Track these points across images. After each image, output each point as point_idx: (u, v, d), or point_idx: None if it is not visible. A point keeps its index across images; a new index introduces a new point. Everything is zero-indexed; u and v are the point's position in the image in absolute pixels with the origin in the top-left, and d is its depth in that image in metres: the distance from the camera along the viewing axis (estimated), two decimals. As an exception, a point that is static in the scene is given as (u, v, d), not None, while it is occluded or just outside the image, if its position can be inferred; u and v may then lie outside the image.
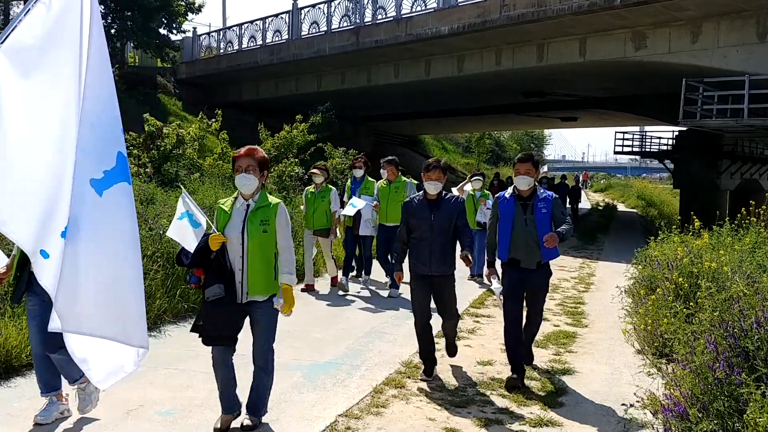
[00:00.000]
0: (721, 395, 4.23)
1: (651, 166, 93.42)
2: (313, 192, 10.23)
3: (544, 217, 5.96)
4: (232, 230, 4.68)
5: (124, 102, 20.08)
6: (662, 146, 34.20)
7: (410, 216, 6.13)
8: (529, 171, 5.98)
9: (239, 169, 4.69)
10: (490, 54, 20.70)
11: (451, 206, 6.05)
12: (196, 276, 4.71)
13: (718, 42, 16.42)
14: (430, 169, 6.03)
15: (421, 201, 6.11)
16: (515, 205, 6.03)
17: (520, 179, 5.99)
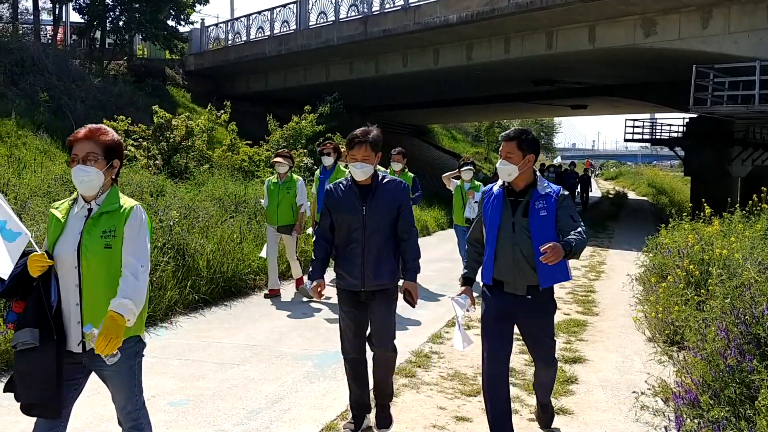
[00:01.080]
0: (733, 382, 4.22)
1: (661, 153, 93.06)
2: (276, 183, 9.08)
3: (543, 221, 4.16)
4: (63, 247, 3.19)
5: (133, 94, 20.15)
6: (673, 133, 33.99)
7: (333, 209, 4.60)
8: (511, 154, 4.17)
9: (75, 159, 3.27)
10: (498, 42, 20.60)
11: (390, 193, 4.54)
12: (14, 312, 3.21)
13: (728, 28, 16.28)
14: (353, 144, 4.48)
15: (348, 187, 4.57)
16: (503, 203, 4.26)
17: (500, 166, 4.21)
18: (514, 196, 4.26)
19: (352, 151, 4.45)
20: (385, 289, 4.56)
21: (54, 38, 26.65)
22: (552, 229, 4.15)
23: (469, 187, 10.17)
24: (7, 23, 25.95)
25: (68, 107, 18.79)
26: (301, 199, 9.08)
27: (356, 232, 4.49)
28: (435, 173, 35.76)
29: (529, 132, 4.30)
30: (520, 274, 4.20)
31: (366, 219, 4.47)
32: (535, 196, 4.21)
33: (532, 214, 4.17)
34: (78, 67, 22.28)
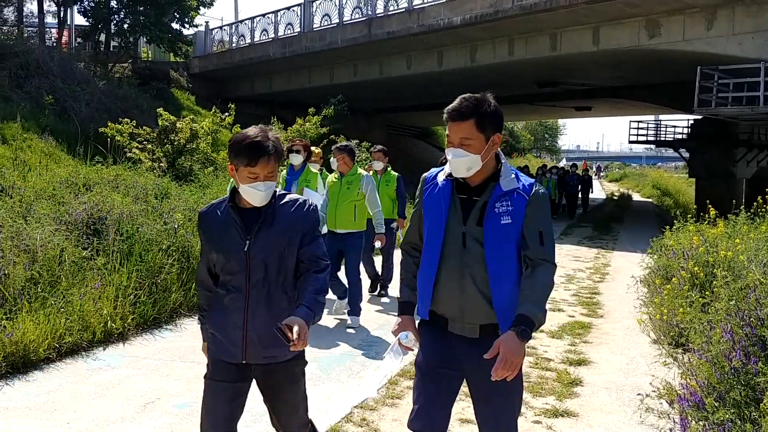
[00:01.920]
0: (738, 384, 4.21)
1: (666, 155, 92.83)
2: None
3: (504, 232, 2.92)
4: None
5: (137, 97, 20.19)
6: (677, 135, 33.94)
7: (209, 240, 3.18)
8: (469, 139, 2.90)
9: None
10: (502, 44, 20.61)
11: (289, 218, 3.11)
12: None
13: (733, 29, 16.26)
14: (252, 159, 2.99)
15: (225, 212, 3.14)
16: (450, 202, 3.00)
17: (453, 158, 2.93)
18: (466, 192, 3.00)
19: (251, 169, 2.96)
20: (281, 361, 3.14)
21: (59, 41, 26.73)
22: (515, 245, 2.94)
23: None
24: (12, 26, 26.05)
25: (73, 110, 18.83)
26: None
27: (238, 276, 3.09)
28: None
29: (487, 101, 2.97)
30: (470, 309, 2.96)
31: (250, 258, 3.05)
32: (495, 195, 2.94)
33: (488, 221, 2.92)
34: (83, 69, 22.34)
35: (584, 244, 16.42)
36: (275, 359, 3.13)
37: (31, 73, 19.65)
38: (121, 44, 27.45)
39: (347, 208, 7.63)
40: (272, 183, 3.06)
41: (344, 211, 7.62)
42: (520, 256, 2.96)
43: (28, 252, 6.91)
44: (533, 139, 63.48)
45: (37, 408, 4.97)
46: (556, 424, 4.89)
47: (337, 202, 7.64)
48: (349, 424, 4.81)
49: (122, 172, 12.39)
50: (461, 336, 3.01)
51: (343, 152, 7.86)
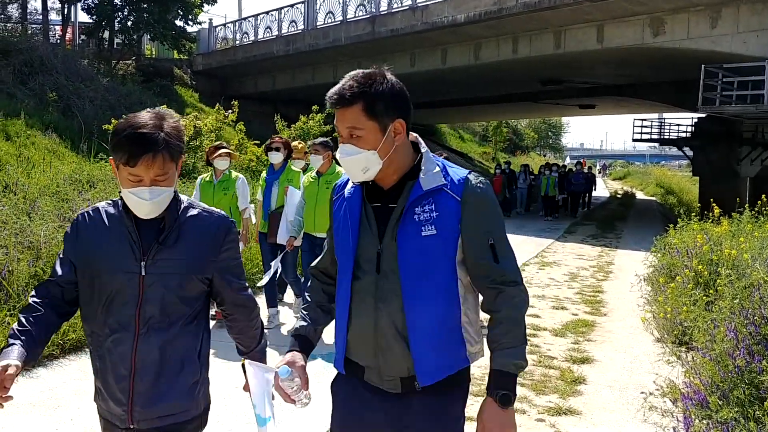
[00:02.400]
0: (742, 383, 4.21)
1: (670, 153, 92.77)
2: (210, 182, 7.43)
3: (425, 246, 2.21)
4: None
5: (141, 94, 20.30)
6: (681, 133, 33.86)
7: (83, 253, 2.37)
8: (359, 129, 2.20)
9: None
10: (506, 42, 20.57)
11: (200, 237, 2.39)
12: None
13: (737, 27, 16.22)
14: (133, 157, 2.24)
15: (117, 220, 2.39)
16: (360, 213, 2.32)
17: (339, 153, 2.26)
18: (380, 198, 2.28)
19: (131, 169, 2.24)
20: (175, 424, 2.39)
21: (63, 38, 26.75)
22: (446, 266, 2.21)
23: None
24: (17, 23, 26.07)
25: (77, 107, 18.85)
26: (243, 202, 7.43)
27: (124, 312, 2.30)
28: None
29: (380, 77, 2.23)
30: (387, 356, 2.26)
31: (146, 286, 2.29)
32: (414, 196, 2.20)
33: (404, 235, 2.19)
34: (87, 67, 22.35)
35: (588, 243, 16.41)
36: (167, 419, 2.35)
37: (35, 70, 19.67)
38: (125, 41, 27.46)
39: (327, 211, 7.23)
40: (165, 189, 2.27)
41: (323, 213, 6.59)
42: (456, 281, 2.22)
43: (32, 248, 6.93)
44: (537, 137, 63.38)
45: (40, 404, 4.98)
46: (559, 422, 4.89)
47: (316, 204, 6.95)
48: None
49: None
50: (381, 390, 2.30)
51: (328, 149, 7.04)
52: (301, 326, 2.50)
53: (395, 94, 2.24)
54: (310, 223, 7.06)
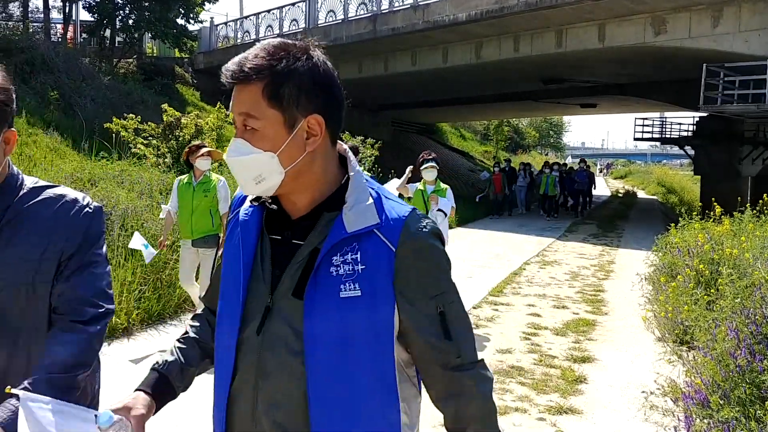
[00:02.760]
0: (743, 382, 4.21)
1: (671, 152, 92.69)
2: (189, 183, 6.99)
3: (346, 313, 1.46)
4: None
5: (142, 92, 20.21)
6: (682, 132, 33.83)
7: None
8: (255, 117, 1.51)
9: None
10: (508, 41, 20.56)
11: (46, 227, 1.83)
12: None
13: (739, 26, 16.20)
14: None
15: None
16: (255, 244, 1.57)
17: (231, 158, 1.52)
18: (284, 227, 1.59)
19: None
20: None
21: (64, 37, 26.74)
22: (376, 343, 1.50)
23: (433, 190, 7.59)
24: (18, 22, 26.06)
25: (78, 105, 18.85)
26: (224, 206, 6.98)
27: None
28: (444, 171, 35.76)
29: (300, 52, 1.58)
30: None
31: None
32: (333, 237, 1.50)
33: (315, 293, 1.48)
34: (88, 65, 22.34)
35: (589, 242, 16.40)
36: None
37: (37, 68, 19.67)
38: (126, 40, 27.45)
39: None
40: None
41: None
42: (393, 366, 1.52)
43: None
44: (538, 136, 63.35)
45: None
46: (560, 421, 4.89)
47: None
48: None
49: (127, 167, 12.41)
50: None
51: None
52: (165, 361, 1.76)
53: (316, 79, 1.56)
54: None
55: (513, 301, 9.09)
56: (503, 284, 10.30)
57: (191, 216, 6.83)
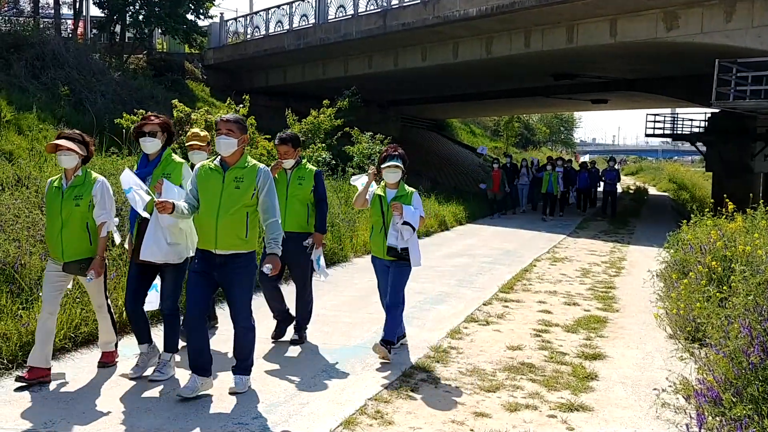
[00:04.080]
0: (756, 380, 4.18)
1: (683, 148, 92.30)
2: (59, 187, 5.40)
3: None
4: None
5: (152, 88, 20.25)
6: (694, 128, 33.69)
7: None
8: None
9: None
10: (518, 36, 20.48)
11: None
12: None
13: (752, 22, 16.07)
14: None
15: None
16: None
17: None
18: None
19: None
20: None
21: (74, 32, 26.81)
22: None
23: (395, 196, 6.26)
24: (29, 17, 26.15)
25: (88, 101, 18.90)
26: (101, 212, 5.36)
27: None
28: (453, 168, 35.72)
29: None
30: None
31: None
32: None
33: None
34: (98, 61, 22.39)
35: (600, 238, 16.35)
36: None
37: (47, 64, 19.73)
38: (136, 35, 27.49)
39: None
40: None
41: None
42: None
43: (44, 242, 6.94)
44: (549, 132, 63.14)
45: (53, 397, 4.99)
46: (571, 418, 4.87)
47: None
48: (363, 416, 4.80)
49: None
50: None
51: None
52: None
53: None
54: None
55: (523, 298, 9.06)
56: (513, 281, 10.26)
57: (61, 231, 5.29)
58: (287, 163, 6.55)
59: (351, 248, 12.06)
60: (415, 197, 6.29)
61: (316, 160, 16.60)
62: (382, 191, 6.32)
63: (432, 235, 16.11)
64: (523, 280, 10.36)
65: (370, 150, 18.59)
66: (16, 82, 18.12)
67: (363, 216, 14.63)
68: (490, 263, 11.99)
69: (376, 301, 8.58)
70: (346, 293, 9.11)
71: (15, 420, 4.57)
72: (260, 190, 5.00)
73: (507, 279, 10.38)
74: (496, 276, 10.62)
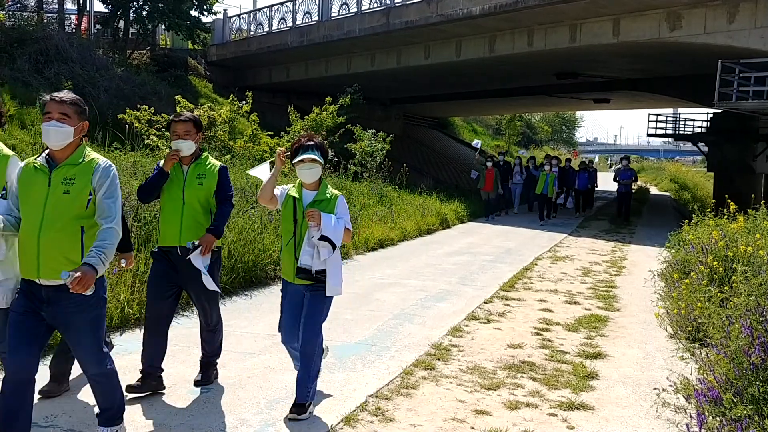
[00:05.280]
0: (756, 380, 4.18)
1: (685, 148, 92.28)
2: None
3: None
4: None
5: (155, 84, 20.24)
6: (696, 129, 33.69)
7: None
8: None
9: None
10: (521, 35, 20.48)
11: None
12: None
13: (755, 22, 16.06)
14: None
15: None
16: None
17: None
18: None
19: None
20: None
21: (78, 27, 26.84)
22: None
23: (312, 202, 4.75)
24: (32, 12, 26.18)
25: (92, 96, 18.92)
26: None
27: None
28: (455, 166, 35.71)
29: None
30: None
31: None
32: None
33: None
34: (101, 56, 22.44)
35: (601, 237, 16.34)
36: None
37: (51, 59, 19.77)
38: (140, 31, 27.52)
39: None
40: None
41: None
42: None
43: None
44: (551, 131, 63.12)
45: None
46: (571, 417, 4.88)
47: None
48: (364, 412, 4.82)
49: (140, 158, 12.44)
50: None
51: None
52: None
53: None
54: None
55: (524, 297, 9.06)
56: (515, 279, 10.27)
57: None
58: (185, 148, 4.94)
59: (352, 245, 12.06)
60: (340, 203, 4.77)
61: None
62: (297, 192, 4.80)
63: (434, 233, 16.12)
64: (524, 279, 10.37)
65: (372, 148, 18.60)
66: (19, 76, 18.16)
67: (365, 212, 14.65)
68: (492, 261, 12.00)
69: (377, 298, 8.63)
70: (347, 290, 9.09)
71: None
72: (97, 190, 3.70)
73: (508, 277, 10.38)
74: (497, 274, 10.63)
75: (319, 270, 4.66)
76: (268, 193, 4.77)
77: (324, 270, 4.67)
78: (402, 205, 17.06)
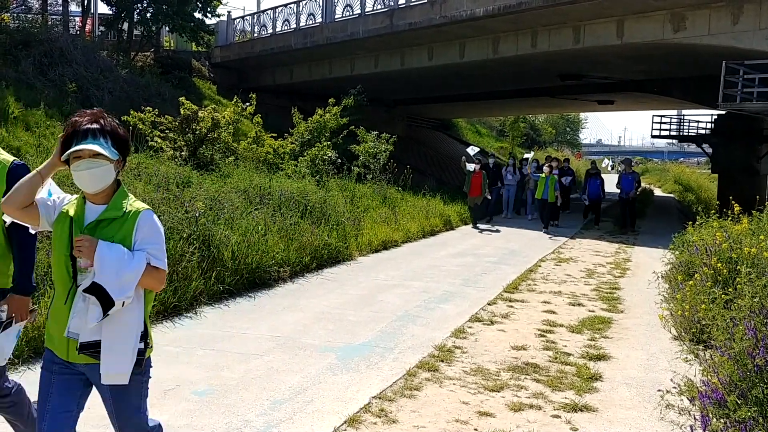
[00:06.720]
0: (761, 382, 4.17)
1: (689, 150, 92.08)
2: None
3: None
4: None
5: (159, 86, 20.28)
6: (700, 130, 33.62)
7: None
8: None
9: None
10: (525, 36, 20.45)
11: None
12: None
13: (759, 23, 16.03)
14: None
15: None
16: None
17: None
18: None
19: None
20: None
21: (82, 29, 26.87)
22: None
23: (93, 222, 3.03)
24: (37, 14, 26.22)
25: (96, 98, 18.94)
26: None
27: None
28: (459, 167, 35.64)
29: None
30: None
31: None
32: None
33: None
34: (105, 58, 22.44)
35: (605, 239, 16.33)
36: None
37: (55, 60, 19.79)
38: (144, 33, 27.55)
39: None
40: None
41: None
42: None
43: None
44: (554, 132, 63.01)
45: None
46: (575, 418, 4.87)
47: None
48: (367, 414, 4.82)
49: (144, 160, 12.47)
50: None
51: None
52: None
53: None
54: None
55: (528, 298, 9.06)
56: (518, 281, 10.26)
57: None
58: None
59: (356, 247, 12.07)
60: (144, 224, 3.00)
61: (322, 159, 16.63)
62: (79, 206, 3.07)
63: (437, 235, 16.12)
64: (527, 281, 10.36)
65: (376, 149, 18.59)
66: (24, 78, 18.19)
67: (368, 214, 14.64)
68: (495, 263, 11.99)
69: (381, 299, 8.63)
70: (351, 292, 9.12)
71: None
72: None
73: (512, 279, 10.38)
74: (501, 276, 10.62)
75: (92, 341, 2.93)
76: (21, 196, 3.01)
77: (98, 342, 2.93)
78: (405, 206, 17.05)
